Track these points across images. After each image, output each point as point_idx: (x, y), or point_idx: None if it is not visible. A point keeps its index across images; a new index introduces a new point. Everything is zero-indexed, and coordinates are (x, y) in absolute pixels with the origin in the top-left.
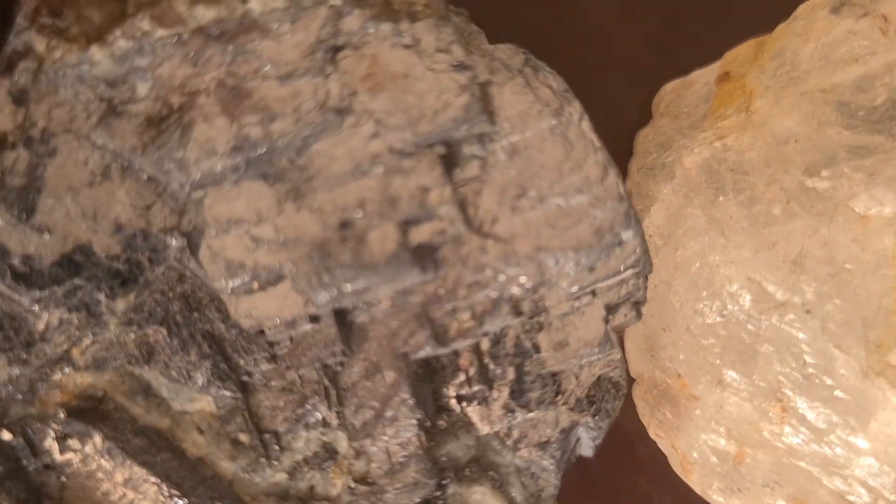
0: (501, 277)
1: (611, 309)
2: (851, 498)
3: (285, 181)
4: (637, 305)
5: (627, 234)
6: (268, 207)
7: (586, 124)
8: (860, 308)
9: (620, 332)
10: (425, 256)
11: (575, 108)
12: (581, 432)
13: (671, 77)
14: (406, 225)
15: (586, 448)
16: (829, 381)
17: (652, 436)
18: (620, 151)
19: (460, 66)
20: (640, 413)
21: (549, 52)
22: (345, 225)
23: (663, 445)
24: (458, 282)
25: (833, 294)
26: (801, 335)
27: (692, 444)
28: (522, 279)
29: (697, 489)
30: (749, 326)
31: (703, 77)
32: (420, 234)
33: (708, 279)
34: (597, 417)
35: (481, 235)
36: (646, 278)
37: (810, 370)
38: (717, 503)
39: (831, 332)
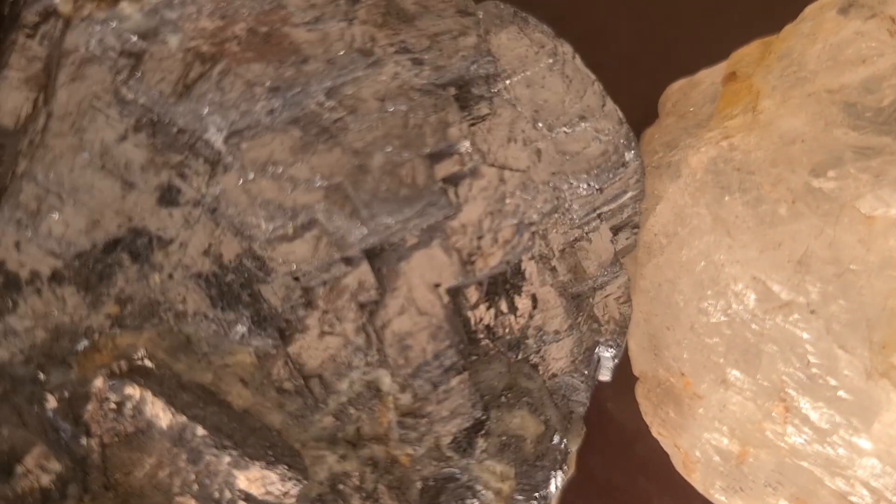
0: (521, 205)
1: (615, 232)
2: (853, 499)
3: (316, 123)
4: (635, 230)
5: (630, 155)
6: (302, 148)
7: (579, 61)
8: (865, 309)
9: (623, 257)
10: (450, 189)
11: (567, 49)
12: (602, 351)
13: (675, 76)
14: (431, 159)
15: (605, 370)
16: (832, 382)
17: (654, 434)
18: None
19: (464, 12)
20: (643, 412)
21: None
22: (376, 161)
23: (666, 444)
24: (481, 212)
25: (838, 294)
26: (805, 335)
27: (695, 443)
28: (540, 204)
29: (700, 488)
30: (753, 326)
31: (710, 77)
32: (444, 169)
33: (713, 278)
34: (615, 335)
35: (498, 167)
36: (640, 203)
37: (814, 370)
38: (719, 502)
39: (835, 332)
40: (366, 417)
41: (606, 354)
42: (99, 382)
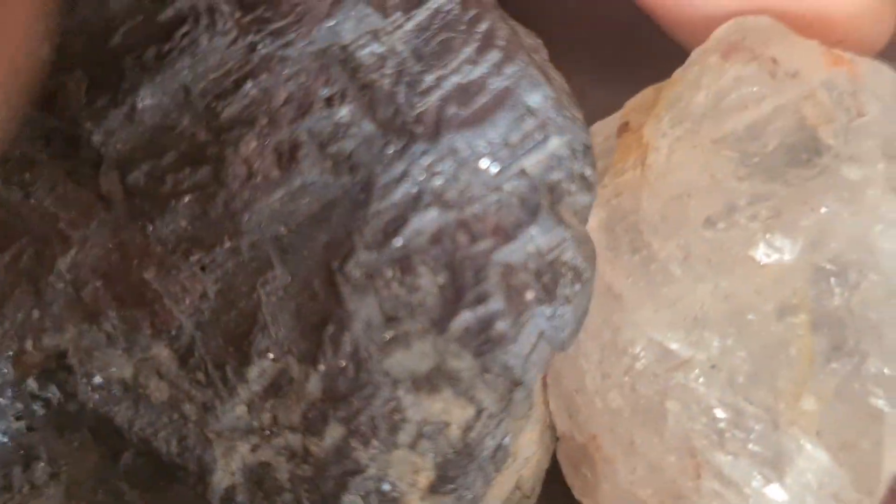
0: (415, 169)
1: (550, 187)
2: None
3: (189, 108)
4: (583, 180)
5: (534, 99)
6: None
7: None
8: (767, 359)
9: (576, 212)
10: (339, 162)
11: None
12: (541, 324)
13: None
14: (310, 133)
15: (556, 342)
16: (740, 435)
17: (576, 496)
18: None
19: None
20: (565, 474)
21: None
22: (236, 147)
23: None
24: (373, 183)
25: (738, 347)
26: (708, 391)
27: None
28: (438, 167)
29: None
30: (655, 386)
31: (604, 129)
32: (325, 138)
33: (612, 341)
34: (553, 305)
35: (388, 129)
36: (585, 149)
37: (721, 425)
38: None
39: (739, 385)
40: (280, 405)
41: (548, 326)
42: (30, 383)
